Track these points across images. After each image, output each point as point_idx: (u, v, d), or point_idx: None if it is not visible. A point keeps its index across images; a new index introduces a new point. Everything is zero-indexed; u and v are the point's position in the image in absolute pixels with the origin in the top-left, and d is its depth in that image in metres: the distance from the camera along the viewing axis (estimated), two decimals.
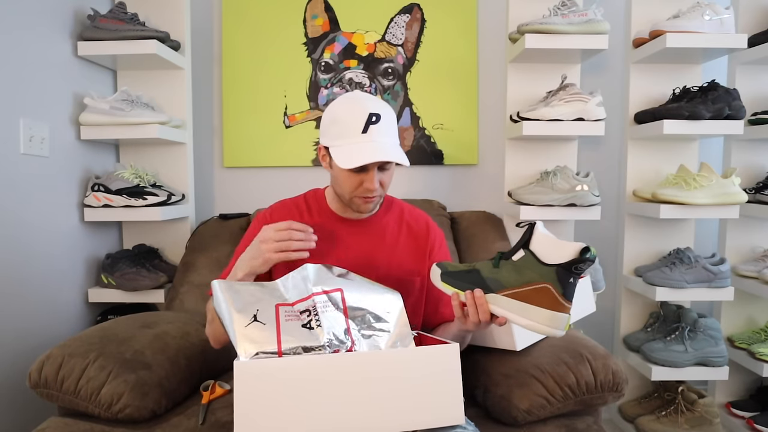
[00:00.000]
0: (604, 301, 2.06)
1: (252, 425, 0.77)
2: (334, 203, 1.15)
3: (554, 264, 0.84)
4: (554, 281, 0.84)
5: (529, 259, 0.86)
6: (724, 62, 1.96)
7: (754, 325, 1.95)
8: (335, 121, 1.04)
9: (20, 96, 1.46)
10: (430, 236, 1.18)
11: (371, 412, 0.80)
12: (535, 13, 1.83)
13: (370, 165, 1.01)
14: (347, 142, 1.01)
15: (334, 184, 1.11)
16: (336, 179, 1.08)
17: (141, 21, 1.75)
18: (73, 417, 1.13)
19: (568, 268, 0.83)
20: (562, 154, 1.90)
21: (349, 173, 1.03)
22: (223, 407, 1.16)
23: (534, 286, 0.85)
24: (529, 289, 0.85)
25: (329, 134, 1.05)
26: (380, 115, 1.01)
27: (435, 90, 2.05)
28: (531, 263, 0.86)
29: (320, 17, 2.03)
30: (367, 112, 1.01)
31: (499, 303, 0.88)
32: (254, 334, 0.84)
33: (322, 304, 0.92)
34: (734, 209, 1.68)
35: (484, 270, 0.92)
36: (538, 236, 0.87)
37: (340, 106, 1.05)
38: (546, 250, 0.85)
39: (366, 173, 1.02)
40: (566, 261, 0.83)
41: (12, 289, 1.44)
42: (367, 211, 1.10)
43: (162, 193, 1.73)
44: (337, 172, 1.05)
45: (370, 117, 1.00)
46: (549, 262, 0.84)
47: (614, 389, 1.14)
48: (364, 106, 1.02)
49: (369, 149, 0.99)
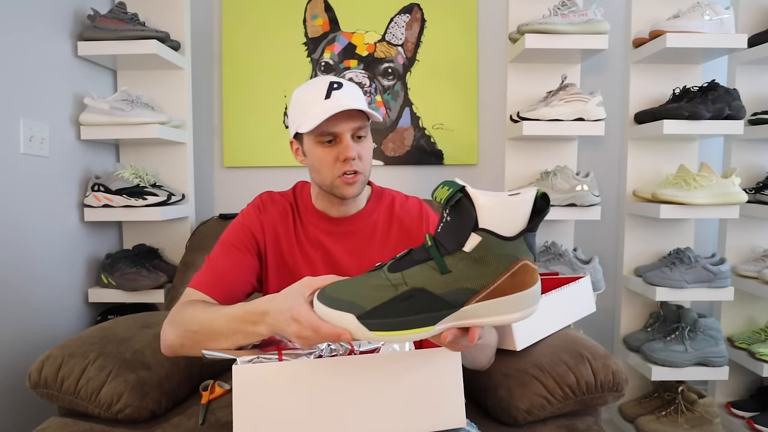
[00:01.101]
0: (604, 301, 2.06)
1: (251, 429, 0.76)
2: (318, 200, 1.09)
3: (519, 233, 0.61)
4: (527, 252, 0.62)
5: (488, 241, 0.61)
6: (724, 62, 1.96)
7: (754, 325, 1.95)
8: (297, 102, 1.01)
9: (20, 96, 1.46)
10: (423, 220, 1.10)
11: (371, 415, 0.80)
12: (535, 13, 1.83)
13: (341, 131, 0.97)
14: (312, 112, 0.96)
15: (312, 175, 1.04)
16: (312, 166, 1.02)
17: (141, 21, 1.75)
18: (73, 417, 1.13)
19: (534, 229, 0.62)
20: (562, 154, 1.90)
21: (323, 150, 0.98)
22: (223, 407, 1.16)
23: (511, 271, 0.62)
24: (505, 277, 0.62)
25: (294, 117, 1.00)
26: (341, 83, 0.99)
27: (435, 90, 2.05)
28: (493, 245, 0.61)
29: (320, 17, 2.03)
30: (327, 81, 0.99)
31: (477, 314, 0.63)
32: None
33: None
34: (734, 209, 1.68)
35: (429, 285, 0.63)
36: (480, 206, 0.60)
37: (299, 89, 1.02)
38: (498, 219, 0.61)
39: (340, 143, 0.98)
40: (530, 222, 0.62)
41: (12, 289, 1.44)
42: (351, 195, 1.01)
43: (162, 193, 1.73)
44: (311, 157, 1.01)
45: (331, 84, 0.98)
46: (512, 233, 0.61)
47: (614, 389, 1.14)
48: (322, 79, 1.00)
49: (333, 109, 0.95)
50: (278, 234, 1.06)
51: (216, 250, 1.04)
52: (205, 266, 1.03)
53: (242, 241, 1.04)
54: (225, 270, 1.00)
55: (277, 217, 1.07)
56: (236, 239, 1.04)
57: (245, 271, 1.02)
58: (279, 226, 1.07)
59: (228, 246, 1.04)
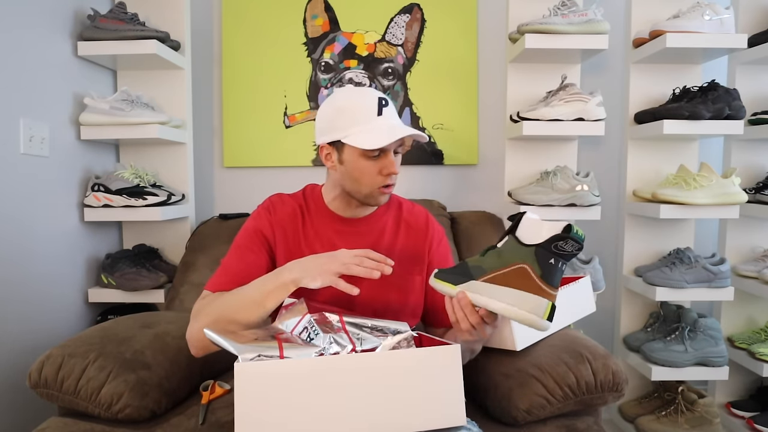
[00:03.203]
0: (604, 301, 2.06)
1: (253, 427, 0.77)
2: (334, 202, 1.12)
3: (534, 244, 0.79)
4: (532, 261, 0.78)
5: (510, 242, 0.82)
6: (724, 62, 1.96)
7: (754, 325, 1.95)
8: (343, 110, 1.02)
9: (20, 96, 1.46)
10: (429, 232, 1.17)
11: (372, 413, 0.80)
12: (535, 13, 1.83)
13: (390, 147, 1.01)
14: (366, 127, 1.00)
15: (346, 182, 1.06)
16: (350, 175, 1.04)
17: (141, 21, 1.75)
18: (73, 417, 1.13)
19: (548, 247, 0.77)
20: (562, 154, 1.90)
21: (367, 163, 1.01)
22: (223, 407, 1.16)
23: (511, 268, 0.79)
24: (507, 270, 0.80)
25: (338, 125, 1.02)
26: (387, 99, 1.04)
27: (435, 90, 2.05)
28: (512, 246, 0.81)
29: (320, 17, 2.03)
30: (376, 96, 1.03)
31: (479, 290, 0.83)
32: None
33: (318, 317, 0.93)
34: (734, 209, 1.68)
35: (470, 261, 0.88)
36: (525, 222, 0.82)
37: (343, 97, 1.04)
38: (530, 232, 0.81)
39: (385, 157, 1.02)
40: (545, 239, 0.77)
41: (12, 288, 1.44)
42: (383, 203, 1.09)
43: (162, 193, 1.73)
44: (352, 167, 1.03)
45: (380, 101, 1.02)
46: (530, 243, 0.79)
47: (614, 389, 1.14)
48: (369, 92, 1.04)
49: (391, 128, 1.00)
50: (287, 233, 1.10)
51: (229, 253, 1.10)
52: (219, 269, 1.08)
53: (254, 242, 1.09)
54: (239, 270, 1.05)
55: (285, 217, 1.12)
56: (248, 241, 1.09)
57: (258, 271, 1.05)
58: (288, 226, 1.11)
59: (241, 248, 1.09)
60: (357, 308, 1.08)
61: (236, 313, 0.95)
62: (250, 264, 1.05)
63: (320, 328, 0.91)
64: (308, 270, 0.93)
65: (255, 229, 1.10)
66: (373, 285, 1.09)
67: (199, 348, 1.00)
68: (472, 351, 1.08)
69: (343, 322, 0.94)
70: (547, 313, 0.78)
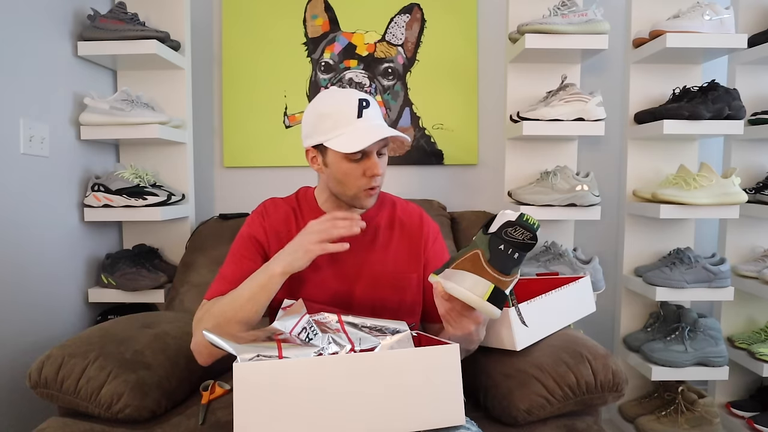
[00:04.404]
0: (604, 301, 2.06)
1: (252, 427, 0.77)
2: (326, 204, 1.14)
3: (488, 232, 0.86)
4: (485, 247, 0.85)
5: (479, 233, 0.88)
6: (724, 62, 1.96)
7: (754, 325, 1.95)
8: (324, 115, 1.03)
9: (20, 96, 1.47)
10: (423, 230, 1.17)
11: (371, 412, 0.80)
12: (535, 13, 1.83)
13: (371, 149, 1.02)
14: (346, 130, 1.00)
15: (332, 184, 1.08)
16: (334, 178, 1.06)
17: (141, 21, 1.75)
18: (73, 417, 1.13)
19: (499, 234, 0.84)
20: (562, 154, 1.90)
21: (350, 165, 1.02)
22: (223, 407, 1.16)
23: (469, 254, 0.86)
24: (466, 256, 0.86)
25: (320, 130, 1.03)
26: (368, 100, 1.03)
27: (435, 90, 2.05)
28: (478, 236, 0.88)
29: (320, 17, 2.03)
30: (356, 98, 1.02)
31: (447, 276, 0.89)
32: None
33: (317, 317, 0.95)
34: (734, 209, 1.68)
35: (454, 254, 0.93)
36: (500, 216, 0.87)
37: (324, 101, 1.05)
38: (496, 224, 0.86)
39: (368, 159, 1.02)
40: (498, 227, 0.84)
41: (12, 289, 1.44)
42: (370, 205, 1.09)
43: (162, 193, 1.73)
44: (336, 170, 1.04)
45: (360, 102, 1.02)
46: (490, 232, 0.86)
47: (614, 389, 1.14)
48: (350, 94, 1.04)
49: (371, 130, 1.00)
50: (281, 236, 1.11)
51: (226, 262, 1.12)
52: (217, 278, 1.10)
53: (248, 248, 1.11)
54: (235, 278, 1.06)
55: (279, 220, 1.13)
56: (243, 249, 1.11)
57: None
58: (281, 229, 1.12)
59: (236, 256, 1.11)
60: (354, 308, 1.08)
61: (234, 314, 0.98)
62: (246, 271, 1.05)
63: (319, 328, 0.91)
64: (292, 254, 0.97)
65: (249, 236, 1.12)
66: (370, 284, 1.10)
67: (206, 355, 1.02)
68: (466, 351, 1.08)
69: (342, 321, 0.94)
70: (487, 294, 0.83)
